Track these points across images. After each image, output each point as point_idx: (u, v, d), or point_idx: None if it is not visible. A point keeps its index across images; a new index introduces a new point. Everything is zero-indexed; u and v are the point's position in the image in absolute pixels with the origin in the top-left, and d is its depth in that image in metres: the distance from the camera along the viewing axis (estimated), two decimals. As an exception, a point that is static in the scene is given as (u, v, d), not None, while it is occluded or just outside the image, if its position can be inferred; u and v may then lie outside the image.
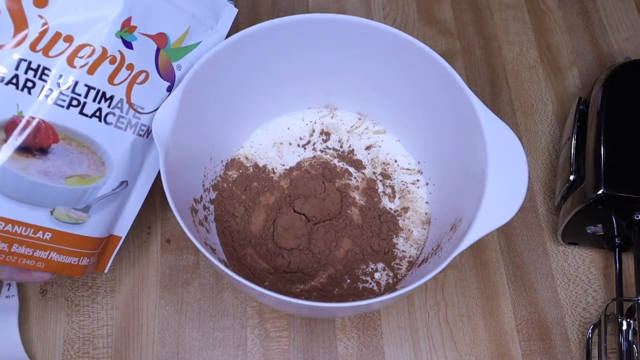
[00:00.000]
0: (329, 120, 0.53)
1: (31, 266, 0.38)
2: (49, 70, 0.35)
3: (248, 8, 0.60)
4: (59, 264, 0.39)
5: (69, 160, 0.37)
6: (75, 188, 0.38)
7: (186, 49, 0.41)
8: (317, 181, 0.49)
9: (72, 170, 0.38)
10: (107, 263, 0.43)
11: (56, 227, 0.38)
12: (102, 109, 0.38)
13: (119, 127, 0.39)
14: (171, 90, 0.41)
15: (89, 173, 0.38)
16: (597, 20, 0.61)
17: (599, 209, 0.46)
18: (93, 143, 0.38)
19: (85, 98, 0.37)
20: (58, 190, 0.37)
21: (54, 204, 0.38)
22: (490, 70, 0.58)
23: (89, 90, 0.37)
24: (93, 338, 0.47)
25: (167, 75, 0.40)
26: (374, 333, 0.48)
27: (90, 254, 0.41)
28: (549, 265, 0.51)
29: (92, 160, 0.38)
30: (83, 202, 0.39)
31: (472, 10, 0.61)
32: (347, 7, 0.61)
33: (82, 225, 0.39)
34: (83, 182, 0.38)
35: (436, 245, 0.45)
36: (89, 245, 0.40)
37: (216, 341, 0.47)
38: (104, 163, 0.39)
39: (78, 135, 0.37)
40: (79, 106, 0.37)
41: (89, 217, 0.39)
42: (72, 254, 0.39)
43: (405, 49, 0.42)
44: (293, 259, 0.46)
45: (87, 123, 0.37)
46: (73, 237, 0.39)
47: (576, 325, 0.49)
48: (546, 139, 0.56)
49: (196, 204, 0.46)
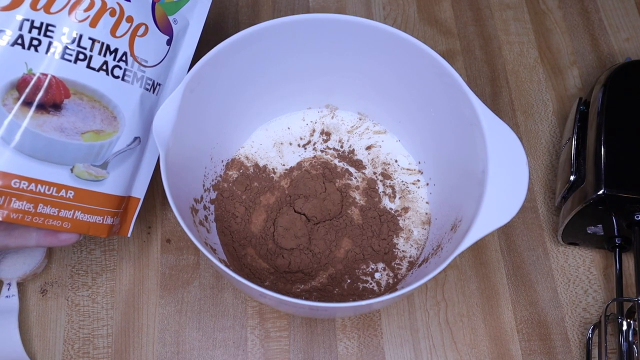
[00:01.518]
0: (329, 120, 0.53)
1: (58, 227, 0.38)
2: (53, 27, 0.37)
3: (248, 8, 0.60)
4: (84, 223, 0.39)
5: (83, 116, 0.38)
6: (92, 144, 0.39)
7: (180, 2, 0.42)
8: (318, 181, 0.49)
9: (87, 126, 0.39)
10: (130, 226, 0.44)
11: (78, 184, 0.39)
12: (109, 62, 0.38)
13: (126, 80, 0.40)
14: (170, 44, 0.42)
15: (103, 128, 0.39)
16: (598, 20, 0.61)
17: (599, 209, 0.46)
18: (103, 97, 0.39)
19: (90, 51, 0.38)
20: (75, 146, 0.38)
21: (73, 161, 0.39)
22: (490, 70, 0.58)
23: (93, 43, 0.38)
24: (93, 338, 0.47)
25: (165, 28, 0.41)
26: (374, 333, 0.48)
27: (113, 213, 0.41)
28: (549, 266, 0.51)
29: (104, 114, 0.39)
30: (101, 158, 0.40)
31: (472, 10, 0.61)
32: (347, 7, 0.61)
33: (103, 183, 0.40)
34: (98, 138, 0.39)
35: (436, 246, 0.45)
36: (111, 203, 0.41)
37: (216, 341, 0.47)
38: (116, 117, 0.40)
39: (88, 89, 0.38)
40: (86, 60, 0.38)
41: (107, 173, 0.40)
42: (96, 212, 0.40)
43: (406, 49, 0.42)
44: (293, 259, 0.46)
45: (96, 77, 0.38)
46: (95, 194, 0.40)
47: (576, 325, 0.49)
48: (546, 139, 0.56)
49: (196, 203, 0.46)
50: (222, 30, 0.59)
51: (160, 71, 0.42)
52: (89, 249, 0.50)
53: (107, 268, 0.49)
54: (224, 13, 0.60)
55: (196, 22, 0.44)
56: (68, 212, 0.39)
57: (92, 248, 0.50)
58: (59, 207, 0.38)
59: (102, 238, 0.50)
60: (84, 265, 0.49)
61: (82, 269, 0.49)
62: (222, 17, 0.60)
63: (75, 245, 0.50)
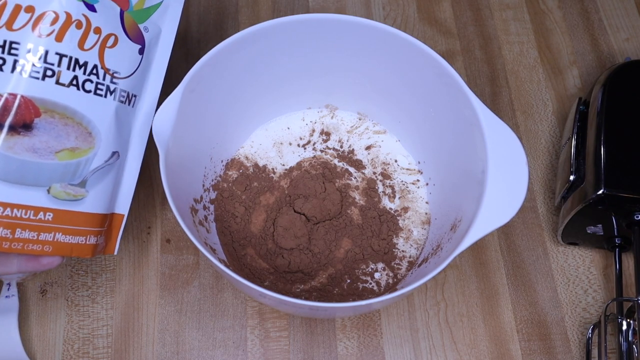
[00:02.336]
0: (329, 120, 0.53)
1: (38, 251, 0.37)
2: (17, 44, 0.35)
3: (248, 8, 0.60)
4: (66, 245, 0.38)
5: (55, 134, 0.37)
6: (68, 162, 0.38)
7: (149, 10, 0.41)
8: (317, 181, 0.49)
9: (61, 144, 0.37)
10: (115, 244, 0.43)
11: (56, 205, 0.38)
12: (79, 77, 0.37)
13: (98, 94, 0.38)
14: (143, 53, 0.41)
15: (78, 145, 0.38)
16: (597, 20, 0.61)
17: (599, 209, 0.46)
18: (76, 113, 0.37)
19: (59, 67, 0.36)
20: (50, 166, 0.37)
21: (49, 182, 0.37)
22: (490, 70, 0.58)
23: (61, 58, 0.36)
24: (93, 338, 0.47)
25: (136, 37, 0.40)
26: (374, 333, 0.48)
27: (96, 232, 0.40)
28: (549, 265, 0.51)
29: (78, 131, 0.38)
30: (78, 177, 0.38)
31: (472, 10, 0.61)
32: (347, 7, 0.61)
33: (82, 201, 0.39)
34: (74, 156, 0.38)
35: (436, 245, 0.45)
36: (93, 222, 0.40)
37: (216, 341, 0.47)
38: (91, 133, 0.38)
39: (59, 106, 0.37)
40: (54, 76, 0.36)
41: (87, 192, 0.39)
42: (78, 232, 0.39)
43: (406, 49, 0.42)
44: (293, 259, 0.46)
45: (66, 92, 0.37)
46: (75, 214, 0.39)
47: (576, 325, 0.49)
48: (546, 139, 0.56)
49: (196, 203, 0.46)
50: (222, 30, 0.59)
51: (134, 82, 0.41)
52: (89, 249, 0.50)
53: (107, 268, 0.49)
54: (224, 13, 0.60)
55: (168, 28, 0.43)
56: (48, 235, 0.37)
57: (92, 248, 0.50)
58: (38, 231, 0.37)
59: (102, 238, 0.50)
60: (84, 265, 0.49)
61: (82, 269, 0.49)
62: (222, 17, 0.60)
63: (75, 245, 0.50)
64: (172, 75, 0.56)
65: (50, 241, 0.38)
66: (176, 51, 0.58)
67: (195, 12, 0.60)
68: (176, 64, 0.57)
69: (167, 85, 0.56)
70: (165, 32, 0.43)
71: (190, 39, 0.59)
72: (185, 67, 0.41)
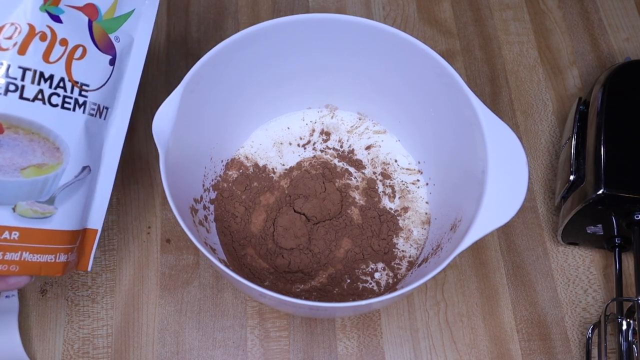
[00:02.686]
0: (329, 120, 0.53)
1: (4, 271, 0.36)
2: None
3: (248, 8, 0.60)
4: (34, 264, 0.37)
5: (20, 150, 0.35)
6: (34, 179, 0.36)
7: (120, 19, 0.39)
8: (317, 181, 0.49)
9: (26, 161, 0.36)
10: (89, 260, 0.41)
11: (22, 224, 0.36)
12: (44, 91, 0.36)
13: (66, 107, 0.37)
14: (114, 64, 0.39)
15: (45, 161, 0.36)
16: (597, 20, 0.61)
17: (599, 209, 0.46)
18: (42, 128, 0.36)
19: (22, 81, 0.35)
20: (15, 184, 0.35)
21: (15, 200, 0.36)
22: (490, 70, 0.58)
23: (24, 72, 0.35)
24: (93, 338, 0.47)
25: (106, 48, 0.39)
26: (374, 333, 0.48)
27: (66, 249, 0.39)
28: (549, 265, 0.51)
29: (45, 147, 0.36)
30: (46, 194, 0.37)
31: (472, 10, 0.61)
32: (347, 7, 0.61)
33: (51, 219, 0.37)
34: (41, 172, 0.36)
35: (436, 245, 0.45)
36: (62, 239, 0.38)
37: (216, 341, 0.47)
38: (58, 149, 0.37)
39: (24, 122, 0.35)
40: (17, 91, 0.35)
41: (55, 209, 0.37)
42: (46, 251, 0.37)
43: (405, 49, 0.42)
44: (293, 258, 0.46)
45: (31, 108, 0.35)
46: (43, 232, 0.37)
47: (576, 325, 0.49)
48: (546, 139, 0.56)
49: (196, 203, 0.46)
50: (222, 30, 0.59)
51: (105, 94, 0.39)
52: (89, 249, 0.50)
53: (107, 268, 0.49)
54: (224, 13, 0.60)
55: (141, 37, 0.41)
56: (14, 254, 0.36)
57: (92, 248, 0.50)
58: (4, 250, 0.35)
59: (102, 238, 0.50)
60: (84, 265, 0.49)
61: (82, 269, 0.49)
62: (222, 17, 0.60)
63: (75, 245, 0.50)
64: (172, 75, 0.56)
65: (17, 261, 0.36)
66: (176, 51, 0.58)
67: (195, 12, 0.60)
68: (176, 64, 0.57)
69: (167, 85, 0.56)
70: (138, 41, 0.41)
71: (190, 39, 0.59)
72: (185, 67, 0.41)
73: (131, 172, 0.53)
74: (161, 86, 0.56)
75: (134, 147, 0.54)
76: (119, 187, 0.52)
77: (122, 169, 0.52)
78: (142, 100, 0.55)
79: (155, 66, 0.57)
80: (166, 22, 0.59)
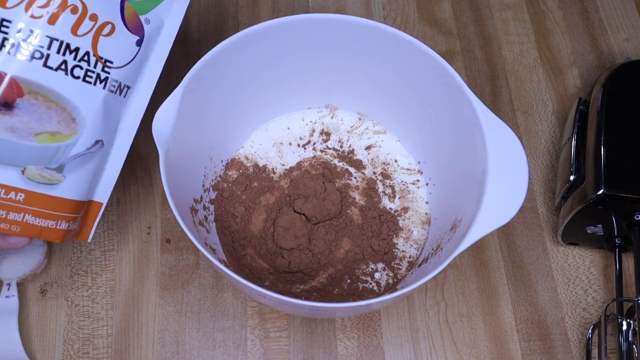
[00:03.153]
0: (329, 120, 0.53)
1: (5, 230, 0.37)
2: (9, 22, 0.35)
3: (248, 8, 0.60)
4: (35, 227, 0.38)
5: (37, 116, 0.36)
6: (47, 146, 0.37)
7: (153, 1, 0.40)
8: (317, 181, 0.49)
9: (41, 127, 0.37)
10: (90, 231, 0.42)
11: (29, 187, 0.37)
12: (68, 62, 0.36)
13: (87, 81, 0.38)
14: (141, 45, 0.40)
15: (60, 130, 0.37)
16: (597, 20, 0.61)
17: (599, 209, 0.46)
18: (60, 98, 0.37)
19: (48, 50, 0.36)
20: (28, 148, 0.36)
21: (25, 163, 0.37)
22: (490, 70, 0.58)
23: (51, 41, 0.36)
24: (93, 338, 0.47)
25: (135, 28, 0.39)
26: (374, 333, 0.48)
27: (69, 218, 0.39)
28: (549, 266, 0.51)
29: (61, 116, 0.37)
30: (56, 161, 0.38)
31: (472, 10, 0.61)
32: (347, 7, 0.61)
33: (57, 186, 0.38)
34: (54, 140, 0.37)
35: (436, 246, 0.45)
36: (66, 207, 0.39)
37: (216, 341, 0.47)
38: (74, 119, 0.38)
39: (44, 89, 0.36)
40: (42, 58, 0.36)
41: (63, 177, 0.38)
42: (48, 216, 0.38)
43: (405, 49, 0.42)
44: (293, 259, 0.46)
45: (53, 76, 0.36)
46: (48, 198, 0.38)
47: (576, 325, 0.49)
48: (546, 139, 0.56)
49: (196, 204, 0.46)
50: (222, 30, 0.59)
51: (128, 73, 0.40)
52: (89, 249, 0.50)
53: (107, 268, 0.49)
54: (224, 13, 0.60)
55: (172, 22, 0.41)
56: (17, 215, 0.37)
57: (91, 248, 0.50)
58: (7, 210, 0.37)
59: (102, 238, 0.50)
60: (84, 266, 0.49)
61: (82, 269, 0.49)
62: (222, 17, 0.60)
63: (75, 246, 0.50)
64: (172, 75, 0.56)
65: (19, 222, 0.37)
66: (176, 51, 0.58)
67: (195, 12, 0.60)
68: (176, 64, 0.57)
69: (167, 85, 0.56)
70: (168, 26, 0.41)
71: (190, 39, 0.59)
72: (185, 67, 0.41)
73: (131, 172, 0.52)
74: (161, 86, 0.55)
75: (134, 147, 0.53)
76: (119, 187, 0.52)
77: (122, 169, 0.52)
78: (142, 100, 0.55)
79: (155, 66, 0.57)
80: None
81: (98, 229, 0.50)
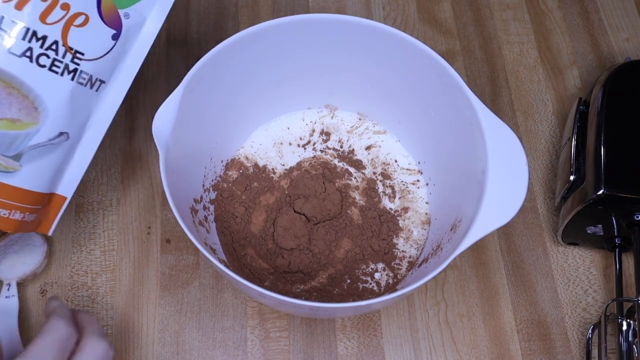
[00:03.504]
0: (329, 120, 0.53)
1: None
2: None
3: (248, 8, 0.60)
4: None
5: None
6: (4, 132, 0.36)
7: None
8: (317, 181, 0.49)
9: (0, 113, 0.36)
10: (51, 225, 0.41)
11: None
12: (33, 49, 0.36)
13: (54, 71, 0.37)
14: (117, 39, 0.39)
15: (20, 118, 0.36)
16: (597, 20, 0.61)
17: (599, 209, 0.46)
18: (23, 85, 0.36)
19: (12, 35, 0.35)
20: None
21: None
22: (490, 70, 0.58)
23: (16, 27, 0.35)
24: (93, 338, 0.47)
25: (112, 22, 0.38)
26: (374, 333, 0.48)
27: (24, 209, 0.38)
28: (549, 266, 0.51)
29: (23, 103, 0.36)
30: (14, 150, 0.37)
31: (472, 10, 0.61)
32: (347, 7, 0.61)
33: (13, 175, 0.37)
34: (13, 127, 0.36)
35: (436, 246, 0.45)
36: (22, 198, 0.38)
37: (216, 341, 0.47)
38: (37, 108, 0.37)
39: (5, 74, 0.35)
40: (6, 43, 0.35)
41: (20, 166, 0.37)
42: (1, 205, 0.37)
43: (406, 49, 0.42)
44: (293, 259, 0.46)
45: (16, 62, 0.35)
46: (2, 186, 0.37)
47: (576, 325, 0.49)
48: (546, 139, 0.56)
49: (196, 204, 0.46)
50: (222, 30, 0.59)
51: (101, 66, 0.39)
52: (89, 249, 0.50)
53: (107, 268, 0.49)
54: (224, 13, 0.60)
55: (154, 20, 0.40)
56: None
57: (91, 248, 0.50)
58: None
59: (102, 238, 0.50)
60: (84, 266, 0.49)
61: (82, 269, 0.49)
62: (222, 17, 0.60)
63: (75, 246, 0.50)
64: (172, 75, 0.56)
65: None
66: (176, 51, 0.58)
67: (195, 12, 0.60)
68: (176, 64, 0.57)
69: (167, 85, 0.56)
70: (150, 23, 0.40)
71: (190, 39, 0.59)
72: (185, 67, 0.41)
73: (131, 172, 0.52)
74: (161, 86, 0.56)
75: (134, 147, 0.53)
76: (119, 187, 0.52)
77: (122, 169, 0.52)
78: (142, 100, 0.55)
79: (155, 66, 0.57)
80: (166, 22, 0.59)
81: (98, 229, 0.50)
